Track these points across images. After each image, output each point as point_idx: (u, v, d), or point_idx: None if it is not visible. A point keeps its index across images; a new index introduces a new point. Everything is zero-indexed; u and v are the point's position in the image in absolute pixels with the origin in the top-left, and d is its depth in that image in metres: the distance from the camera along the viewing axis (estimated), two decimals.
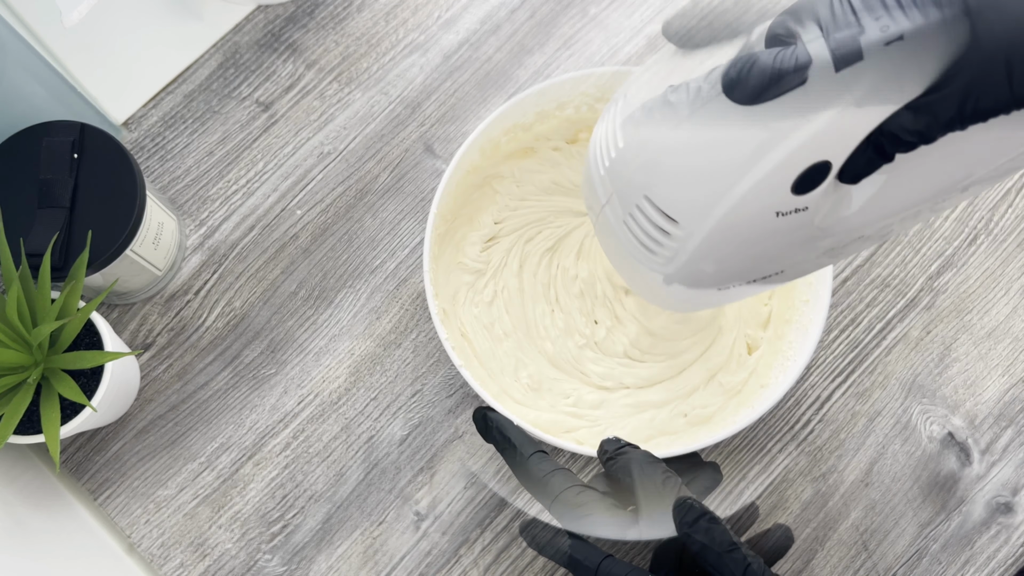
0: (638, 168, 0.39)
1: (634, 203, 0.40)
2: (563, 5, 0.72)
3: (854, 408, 0.65)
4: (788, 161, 0.36)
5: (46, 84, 0.61)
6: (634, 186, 0.40)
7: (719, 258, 0.40)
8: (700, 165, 0.37)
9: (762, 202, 0.37)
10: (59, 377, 0.55)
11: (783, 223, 0.38)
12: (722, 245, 0.39)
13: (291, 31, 0.71)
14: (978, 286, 0.67)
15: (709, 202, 0.38)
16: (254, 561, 0.62)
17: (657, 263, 0.42)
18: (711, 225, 0.38)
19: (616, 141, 0.40)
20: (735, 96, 0.35)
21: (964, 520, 0.63)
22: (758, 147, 0.36)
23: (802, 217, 0.38)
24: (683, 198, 0.38)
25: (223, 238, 0.67)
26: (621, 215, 0.41)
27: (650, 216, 0.40)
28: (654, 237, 0.40)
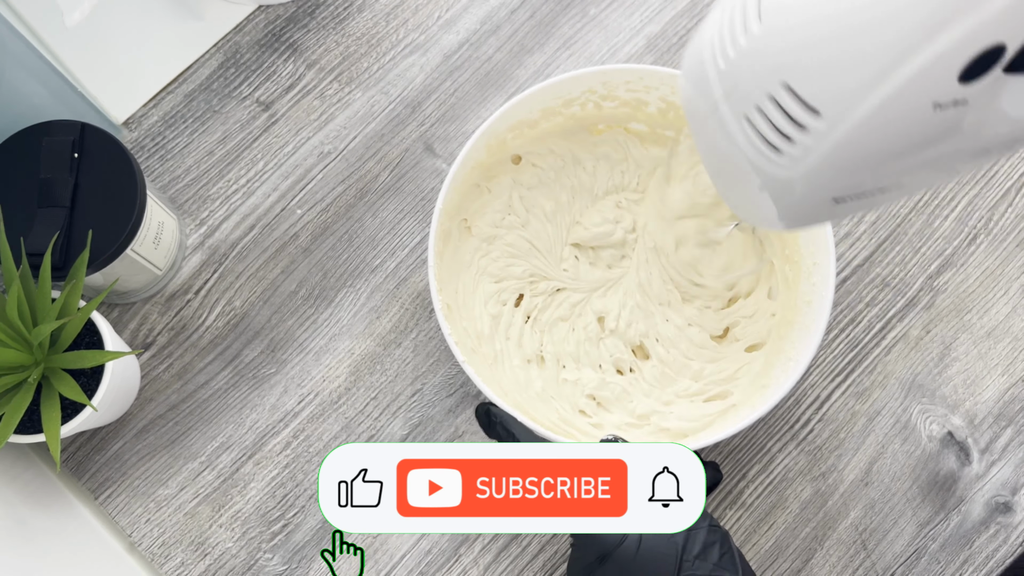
0: (778, 52, 0.34)
1: (766, 93, 0.35)
2: (563, 5, 0.72)
3: (854, 407, 0.65)
4: (963, 40, 0.31)
5: (47, 84, 0.61)
6: (770, 73, 0.35)
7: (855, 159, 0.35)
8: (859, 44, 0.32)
9: (922, 90, 0.32)
10: (59, 376, 0.55)
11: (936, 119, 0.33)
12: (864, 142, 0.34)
13: (292, 31, 0.71)
14: (978, 286, 0.67)
15: (862, 89, 0.33)
16: (254, 560, 0.62)
17: (782, 165, 0.37)
18: (859, 117, 0.33)
19: (748, 26, 0.35)
20: None
21: (963, 519, 0.63)
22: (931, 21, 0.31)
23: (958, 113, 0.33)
24: (832, 83, 0.34)
25: (223, 237, 0.67)
26: (743, 110, 0.37)
27: (786, 106, 0.35)
28: (786, 133, 0.36)
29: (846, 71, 0.33)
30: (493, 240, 0.65)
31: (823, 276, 0.58)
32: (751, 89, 0.36)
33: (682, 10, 0.72)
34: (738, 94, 0.37)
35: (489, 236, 0.65)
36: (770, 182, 0.38)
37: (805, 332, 0.59)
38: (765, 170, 0.38)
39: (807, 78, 0.34)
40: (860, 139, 0.34)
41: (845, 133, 0.34)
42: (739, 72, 0.37)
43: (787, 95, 0.35)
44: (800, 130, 0.35)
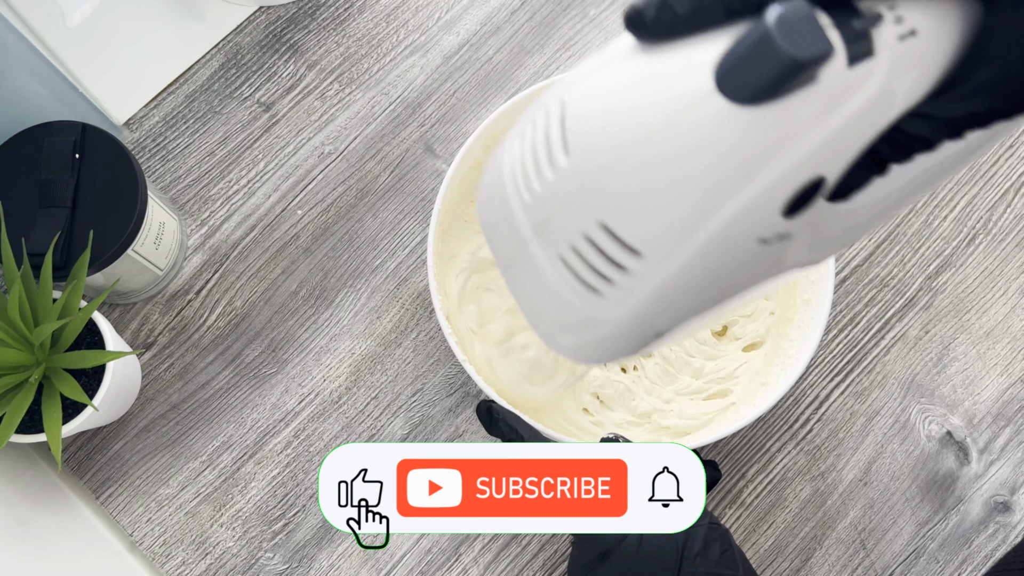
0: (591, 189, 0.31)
1: (580, 232, 0.32)
2: (563, 7, 0.72)
3: (853, 407, 0.65)
4: (785, 177, 0.30)
5: (48, 84, 0.61)
6: (583, 211, 0.32)
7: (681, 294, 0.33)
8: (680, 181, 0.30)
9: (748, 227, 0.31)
10: (61, 376, 0.55)
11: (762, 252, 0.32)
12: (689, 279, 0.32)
13: (292, 32, 0.71)
14: (976, 286, 0.67)
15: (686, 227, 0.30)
16: (255, 559, 0.62)
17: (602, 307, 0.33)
18: (684, 257, 0.31)
19: (555, 158, 0.32)
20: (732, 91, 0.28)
21: (962, 519, 0.63)
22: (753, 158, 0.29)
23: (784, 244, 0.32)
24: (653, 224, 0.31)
25: (224, 238, 0.67)
26: (557, 248, 0.33)
27: (603, 248, 0.32)
28: (604, 274, 0.32)
29: (667, 210, 0.30)
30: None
31: (822, 274, 0.59)
32: (564, 226, 0.33)
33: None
34: (549, 231, 0.33)
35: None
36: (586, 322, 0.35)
37: (804, 330, 0.59)
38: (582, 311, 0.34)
39: (625, 217, 0.31)
40: (685, 278, 0.32)
41: (669, 274, 0.32)
42: (549, 208, 0.33)
43: (604, 235, 0.32)
44: (621, 271, 0.32)
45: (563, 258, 0.33)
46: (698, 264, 0.31)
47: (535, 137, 0.33)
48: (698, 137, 0.29)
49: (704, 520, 0.48)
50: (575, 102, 0.32)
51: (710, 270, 0.32)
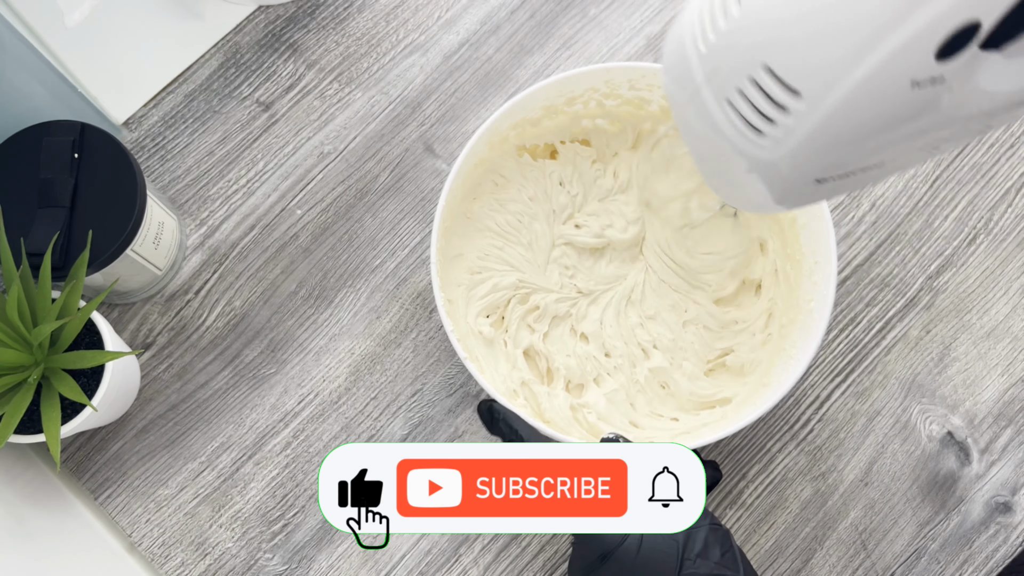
0: (758, 34, 0.35)
1: (747, 76, 0.35)
2: (563, 6, 0.72)
3: (853, 407, 0.65)
4: (938, 19, 0.31)
5: (47, 84, 0.61)
6: (751, 55, 0.35)
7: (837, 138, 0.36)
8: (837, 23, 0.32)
9: (900, 68, 0.32)
10: (59, 377, 0.55)
11: (915, 96, 0.33)
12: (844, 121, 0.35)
13: (292, 31, 0.71)
14: (977, 286, 0.67)
15: (841, 68, 0.33)
16: (255, 560, 0.62)
17: (764, 147, 0.37)
18: (839, 96, 0.34)
19: (729, 9, 0.35)
20: None
21: (963, 520, 0.63)
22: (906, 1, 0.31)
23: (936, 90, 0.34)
24: (811, 65, 0.34)
25: (223, 238, 0.67)
26: (725, 93, 0.37)
27: (767, 88, 0.35)
28: (768, 115, 0.36)
29: (825, 52, 0.33)
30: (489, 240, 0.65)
31: (824, 275, 0.58)
32: (732, 72, 0.36)
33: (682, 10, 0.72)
34: (719, 77, 0.37)
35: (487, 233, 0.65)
36: (755, 164, 0.39)
37: (806, 331, 0.59)
38: (749, 152, 0.38)
39: (787, 60, 0.34)
40: (841, 118, 0.35)
41: (826, 113, 0.34)
42: (720, 55, 0.37)
43: (768, 77, 0.35)
44: (782, 111, 0.36)
45: (731, 101, 0.37)
46: (854, 103, 0.34)
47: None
48: None
49: (705, 520, 0.48)
50: None
51: (865, 110, 0.34)
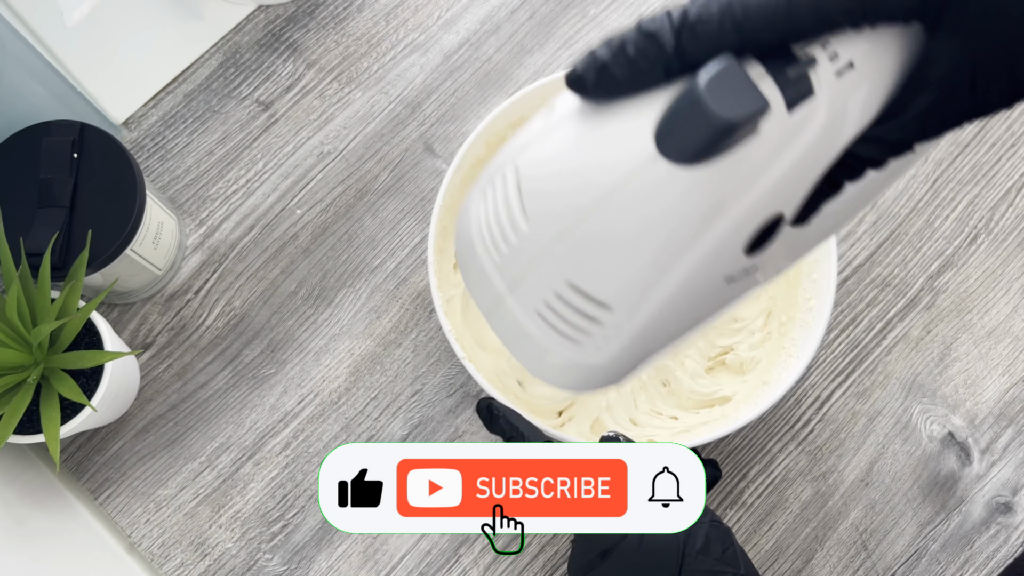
0: (555, 252, 0.32)
1: (552, 290, 0.33)
2: (563, 6, 0.72)
3: (854, 408, 0.65)
4: (741, 223, 0.30)
5: (46, 84, 0.61)
6: (551, 272, 0.33)
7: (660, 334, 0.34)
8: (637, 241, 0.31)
9: (712, 270, 0.32)
10: (59, 377, 0.55)
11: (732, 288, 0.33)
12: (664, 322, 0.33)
13: (291, 31, 0.71)
14: (978, 286, 0.67)
15: (650, 281, 0.32)
16: (254, 560, 0.62)
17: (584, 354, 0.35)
18: (653, 305, 0.32)
19: (516, 223, 0.33)
20: (673, 153, 0.29)
21: (964, 520, 0.63)
22: (705, 212, 0.30)
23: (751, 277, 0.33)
24: (618, 281, 0.32)
25: (223, 238, 0.67)
26: (533, 304, 0.34)
27: (575, 304, 0.33)
28: (580, 327, 0.34)
29: (629, 266, 0.32)
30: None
31: (824, 273, 0.58)
32: (536, 285, 0.34)
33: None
34: (523, 289, 0.34)
35: None
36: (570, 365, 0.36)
37: (806, 329, 0.59)
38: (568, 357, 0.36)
39: (590, 275, 0.32)
40: (659, 321, 0.33)
41: (643, 320, 0.33)
42: (518, 267, 0.34)
43: (573, 293, 0.33)
44: (595, 324, 0.33)
45: (540, 313, 0.34)
46: (669, 309, 0.32)
47: (496, 200, 0.34)
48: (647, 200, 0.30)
49: (705, 518, 0.48)
50: (527, 167, 0.33)
51: (681, 311, 0.33)
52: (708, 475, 0.56)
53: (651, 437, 0.61)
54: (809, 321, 0.59)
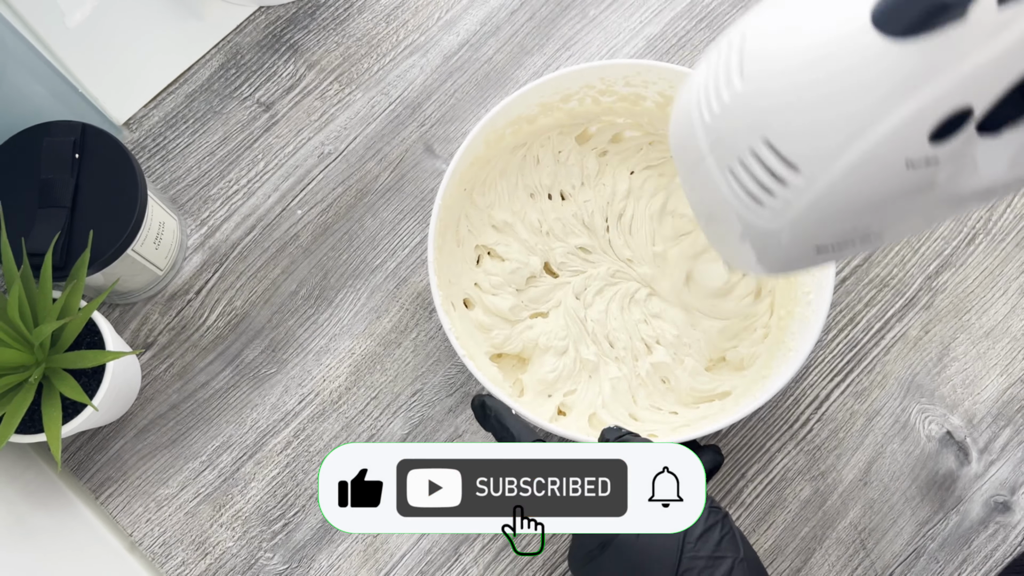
0: (760, 109, 0.36)
1: (748, 148, 0.36)
2: (563, 7, 0.72)
3: (853, 407, 0.65)
4: (931, 104, 0.32)
5: (47, 84, 0.61)
6: (751, 129, 0.36)
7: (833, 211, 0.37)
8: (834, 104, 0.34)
9: (895, 149, 0.34)
10: (60, 376, 0.55)
11: (909, 175, 0.34)
12: (842, 196, 0.36)
13: (292, 32, 0.71)
14: (976, 286, 0.67)
15: (838, 146, 0.34)
16: (255, 559, 0.62)
17: (765, 216, 0.38)
18: (836, 173, 0.35)
19: (732, 82, 0.36)
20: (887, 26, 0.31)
21: (962, 519, 0.63)
22: (900, 86, 0.32)
23: (931, 171, 0.35)
24: (809, 141, 0.35)
25: (224, 238, 0.67)
26: (728, 162, 0.38)
27: (767, 161, 0.36)
28: (767, 187, 0.37)
29: (823, 130, 0.34)
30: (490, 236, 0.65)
31: (822, 267, 0.59)
32: (734, 143, 0.37)
33: (681, 11, 0.72)
34: (722, 147, 0.38)
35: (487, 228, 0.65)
36: (753, 232, 0.39)
37: (805, 323, 0.59)
38: (749, 220, 0.39)
39: (786, 135, 0.35)
40: (838, 194, 0.35)
41: (823, 188, 0.35)
42: (723, 125, 0.37)
43: (768, 151, 0.36)
44: (781, 184, 0.36)
45: (732, 171, 0.37)
46: (850, 180, 0.35)
47: (718, 63, 0.37)
48: (853, 66, 0.33)
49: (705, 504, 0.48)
50: (752, 32, 0.36)
51: (861, 187, 0.35)
52: (710, 461, 0.56)
53: (651, 432, 0.61)
54: (808, 315, 0.59)
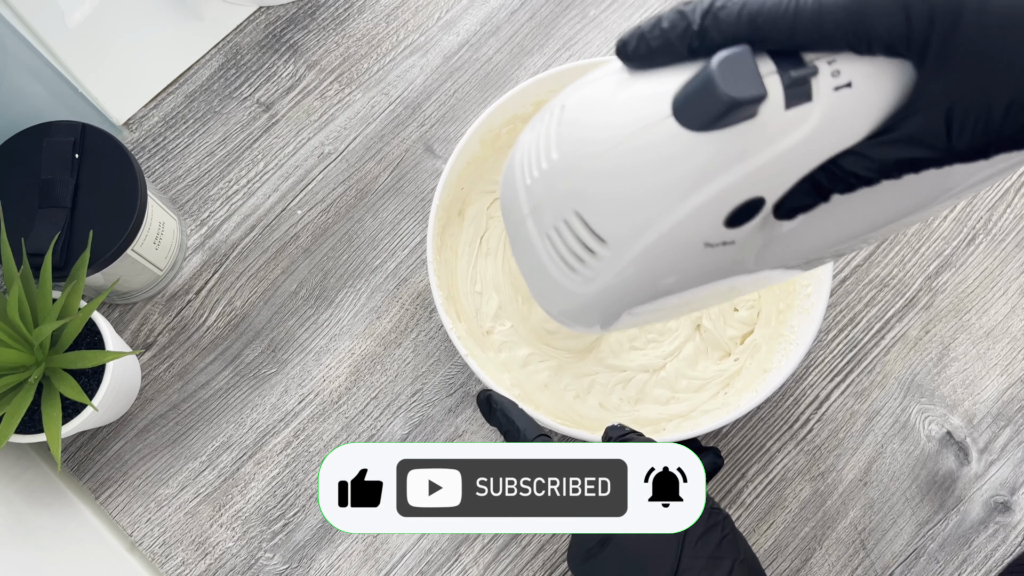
0: (572, 183, 0.38)
1: (562, 217, 0.39)
2: (563, 7, 0.72)
3: (853, 407, 0.65)
4: (725, 194, 0.35)
5: (47, 84, 0.61)
6: (565, 200, 0.39)
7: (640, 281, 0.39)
8: (637, 187, 0.36)
9: (693, 231, 0.36)
10: (60, 376, 0.55)
11: (708, 254, 0.37)
12: (647, 269, 0.38)
13: (292, 32, 0.71)
14: (976, 286, 0.67)
15: (641, 225, 0.37)
16: (255, 559, 0.62)
17: (577, 281, 0.41)
18: (639, 249, 0.37)
19: (550, 152, 0.39)
20: (684, 119, 0.34)
21: (962, 519, 0.63)
22: (697, 175, 0.35)
23: (728, 250, 0.37)
24: (616, 219, 0.37)
25: (224, 238, 0.67)
26: (545, 228, 0.40)
27: (578, 233, 0.39)
28: (578, 255, 0.39)
29: (627, 208, 0.37)
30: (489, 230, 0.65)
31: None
32: (550, 210, 0.40)
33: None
34: (540, 212, 0.40)
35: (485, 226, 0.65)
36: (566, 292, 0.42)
37: (805, 316, 0.59)
38: (563, 283, 0.41)
39: (595, 210, 0.38)
40: (643, 266, 0.38)
41: (629, 261, 0.38)
42: (540, 192, 0.40)
43: (578, 222, 0.38)
44: (591, 254, 0.39)
45: (549, 237, 0.40)
46: (652, 256, 0.38)
47: (539, 131, 0.40)
48: (654, 152, 0.35)
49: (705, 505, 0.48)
50: (571, 107, 0.39)
51: (663, 262, 0.38)
52: (709, 463, 0.56)
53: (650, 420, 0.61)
54: (808, 308, 0.59)
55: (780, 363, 0.59)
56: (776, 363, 0.59)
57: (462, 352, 0.57)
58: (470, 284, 0.64)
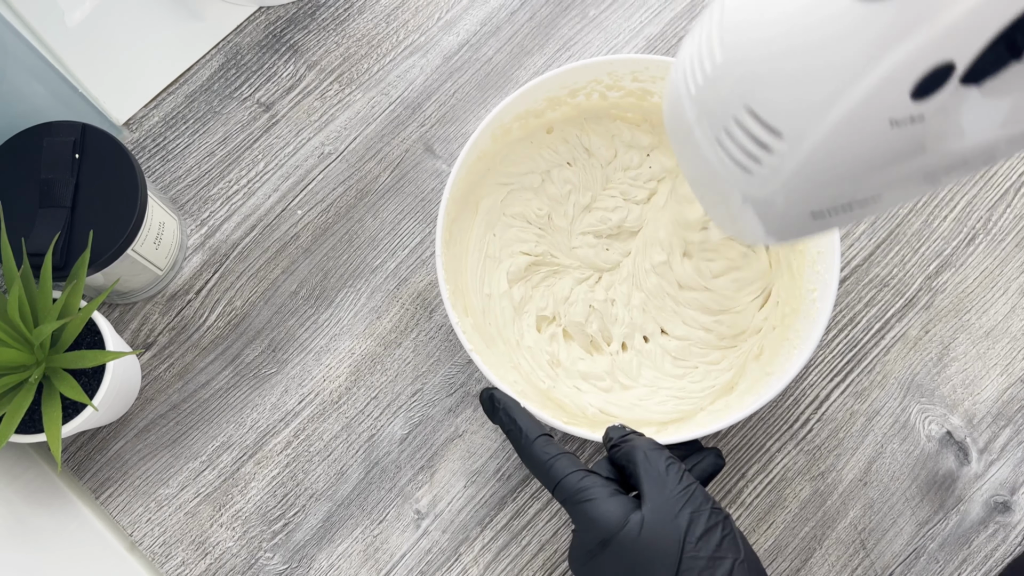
0: (739, 78, 0.36)
1: (732, 117, 0.37)
2: (563, 7, 0.72)
3: (852, 407, 0.65)
4: (910, 60, 0.32)
5: (47, 84, 0.61)
6: (734, 99, 0.37)
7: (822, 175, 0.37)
8: (812, 67, 0.34)
9: (877, 108, 0.34)
10: (60, 376, 0.55)
11: (895, 135, 0.34)
12: (827, 160, 0.36)
13: (292, 32, 0.71)
14: (976, 286, 0.67)
15: (819, 109, 0.35)
16: (255, 559, 0.62)
17: (755, 184, 0.38)
18: (819, 136, 0.35)
19: (714, 53, 0.37)
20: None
21: (962, 519, 0.63)
22: (877, 43, 0.32)
23: (916, 129, 0.35)
24: (790, 106, 0.35)
25: (224, 238, 0.67)
26: (714, 133, 0.38)
27: (751, 130, 0.37)
28: (753, 154, 0.37)
29: (802, 94, 0.35)
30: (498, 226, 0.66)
31: (827, 264, 0.59)
32: (719, 113, 0.38)
33: (681, 11, 0.72)
34: (708, 117, 0.39)
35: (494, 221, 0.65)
36: (749, 199, 0.40)
37: (809, 320, 0.59)
38: (741, 188, 0.39)
39: (767, 102, 0.36)
40: (824, 157, 0.36)
41: (808, 152, 0.36)
42: (707, 97, 0.38)
43: (751, 118, 0.36)
44: (766, 151, 0.37)
45: (720, 141, 0.38)
46: (834, 143, 0.35)
47: (700, 36, 0.38)
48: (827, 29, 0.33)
49: (706, 505, 0.48)
50: (730, 3, 0.37)
51: (846, 150, 0.35)
52: (710, 465, 0.56)
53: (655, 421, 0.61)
54: (812, 312, 0.59)
55: (783, 367, 0.59)
56: (779, 366, 0.59)
57: (467, 347, 0.57)
58: (479, 282, 0.64)
